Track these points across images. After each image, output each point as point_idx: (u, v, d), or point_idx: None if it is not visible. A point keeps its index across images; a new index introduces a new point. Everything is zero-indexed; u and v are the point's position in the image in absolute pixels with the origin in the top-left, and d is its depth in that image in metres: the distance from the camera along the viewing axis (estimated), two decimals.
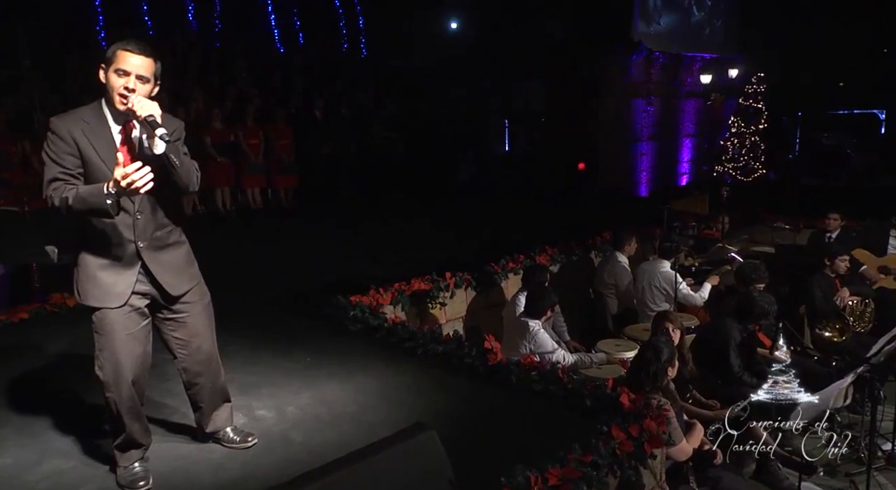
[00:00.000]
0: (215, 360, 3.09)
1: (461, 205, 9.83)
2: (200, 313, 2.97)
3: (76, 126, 2.60)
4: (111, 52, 2.59)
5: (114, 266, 2.71)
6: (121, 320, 2.72)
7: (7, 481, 2.92)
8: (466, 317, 6.08)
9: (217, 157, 9.48)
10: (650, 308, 6.47)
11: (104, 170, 2.59)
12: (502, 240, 7.50)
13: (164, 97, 9.34)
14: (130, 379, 2.75)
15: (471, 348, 4.15)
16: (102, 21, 11.31)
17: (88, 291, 2.72)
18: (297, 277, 6.31)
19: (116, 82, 2.57)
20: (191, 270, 2.94)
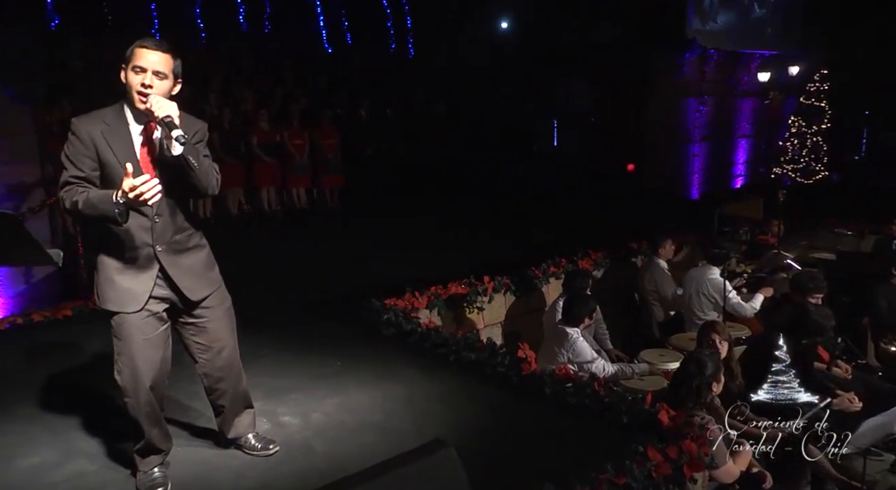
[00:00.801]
0: (237, 365, 3.03)
1: (505, 206, 9.65)
2: (221, 318, 2.92)
3: (96, 127, 2.57)
4: (129, 51, 2.56)
5: (131, 270, 2.67)
6: (138, 325, 2.68)
7: (31, 481, 2.93)
8: (505, 322, 5.93)
9: (263, 158, 9.55)
10: (698, 316, 6.19)
11: (120, 172, 2.54)
12: (545, 243, 7.31)
13: (213, 98, 9.61)
14: (148, 385, 2.71)
15: (504, 357, 4.01)
16: (158, 24, 11.54)
17: (106, 295, 2.69)
18: (336, 279, 6.26)
19: (134, 80, 2.55)
20: (210, 275, 2.89)
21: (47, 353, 4.41)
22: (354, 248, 7.58)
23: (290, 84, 11.04)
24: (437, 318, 5.40)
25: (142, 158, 2.62)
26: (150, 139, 2.64)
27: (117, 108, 2.64)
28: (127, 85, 2.58)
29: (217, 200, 9.52)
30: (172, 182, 2.63)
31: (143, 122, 2.62)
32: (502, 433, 3.35)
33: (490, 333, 5.77)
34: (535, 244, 7.27)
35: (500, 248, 7.32)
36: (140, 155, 2.62)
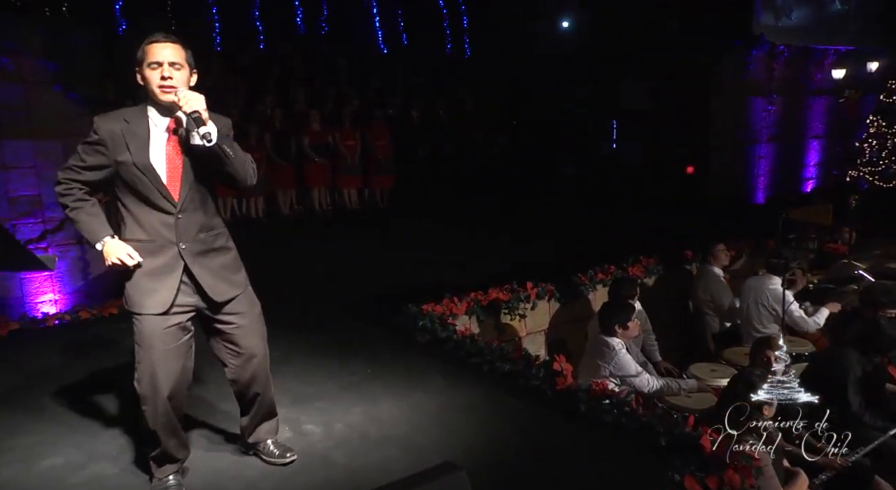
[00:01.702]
0: (266, 371, 2.97)
1: (558, 209, 9.40)
2: (252, 324, 2.86)
3: (116, 125, 2.57)
4: (141, 50, 2.56)
5: (155, 270, 2.63)
6: (160, 335, 2.63)
7: (51, 482, 2.93)
8: (549, 330, 5.72)
9: (314, 158, 9.61)
10: (756, 329, 5.83)
11: (134, 171, 2.56)
12: (594, 248, 7.04)
13: (269, 99, 9.72)
14: (166, 394, 2.66)
15: (539, 369, 3.82)
16: (218, 28, 11.80)
17: (131, 296, 2.65)
18: (378, 281, 6.19)
19: (153, 75, 2.54)
20: (236, 277, 2.82)
21: (88, 351, 4.48)
22: (400, 250, 7.50)
23: (344, 85, 11.07)
24: (476, 324, 5.25)
25: (167, 158, 2.60)
26: (173, 136, 2.61)
27: (140, 108, 2.63)
28: (146, 83, 2.57)
29: (269, 200, 9.66)
30: (198, 177, 2.63)
31: (165, 122, 2.60)
32: (530, 451, 3.17)
33: (532, 342, 5.60)
34: (584, 249, 7.00)
35: (546, 253, 7.10)
36: (164, 155, 2.60)
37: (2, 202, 6.26)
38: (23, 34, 6.22)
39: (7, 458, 3.13)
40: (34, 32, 6.31)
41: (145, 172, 2.55)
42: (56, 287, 6.58)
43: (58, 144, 6.49)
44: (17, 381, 3.98)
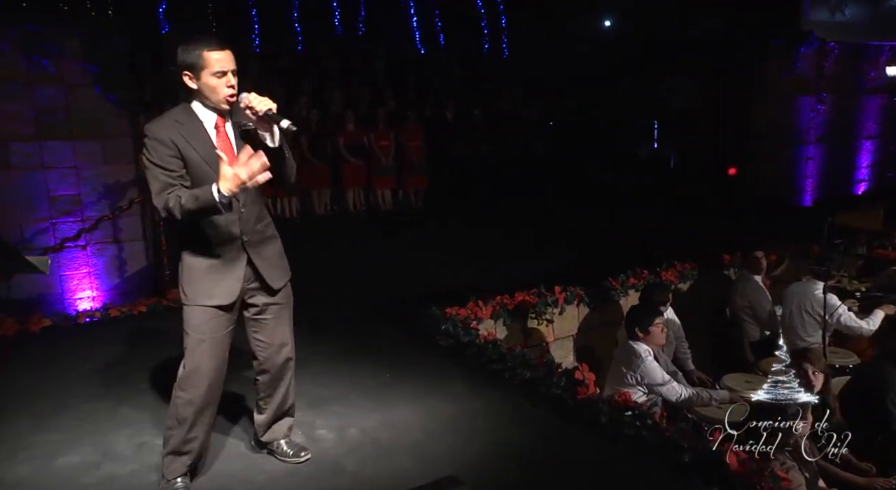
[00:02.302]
0: (292, 364, 3.03)
1: (593, 211, 9.20)
2: (285, 316, 2.94)
3: (172, 128, 2.59)
4: (196, 57, 2.55)
5: (222, 263, 2.71)
6: (213, 325, 2.71)
7: (64, 481, 2.95)
8: (577, 336, 5.59)
9: (349, 158, 9.63)
10: (800, 337, 5.59)
11: (204, 167, 2.60)
12: (628, 251, 6.85)
13: (303, 100, 9.78)
14: (209, 384, 2.74)
15: (560, 378, 3.70)
16: (258, 29, 11.94)
17: (195, 288, 2.70)
18: (406, 283, 6.12)
19: (218, 84, 2.58)
20: (285, 264, 2.95)
21: (115, 349, 4.54)
22: (431, 251, 7.44)
23: (381, 85, 11.07)
24: (503, 329, 5.15)
25: (220, 148, 2.63)
26: (224, 133, 2.67)
27: (183, 108, 2.67)
28: (203, 89, 2.59)
29: (303, 200, 9.72)
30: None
31: (213, 120, 2.66)
32: (545, 462, 3.06)
33: (560, 347, 5.47)
34: (618, 253, 6.82)
35: (579, 256, 6.94)
36: (219, 147, 2.63)
37: (42, 201, 6.42)
38: (64, 38, 6.36)
39: (26, 455, 3.17)
40: (74, 36, 6.45)
41: (213, 166, 2.58)
42: (94, 284, 6.72)
43: (96, 145, 6.63)
44: (44, 377, 4.05)
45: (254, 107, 2.55)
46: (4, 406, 3.65)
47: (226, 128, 2.70)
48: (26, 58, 6.19)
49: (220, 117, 2.68)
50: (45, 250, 6.04)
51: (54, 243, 6.28)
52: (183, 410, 2.74)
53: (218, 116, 2.68)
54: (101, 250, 6.71)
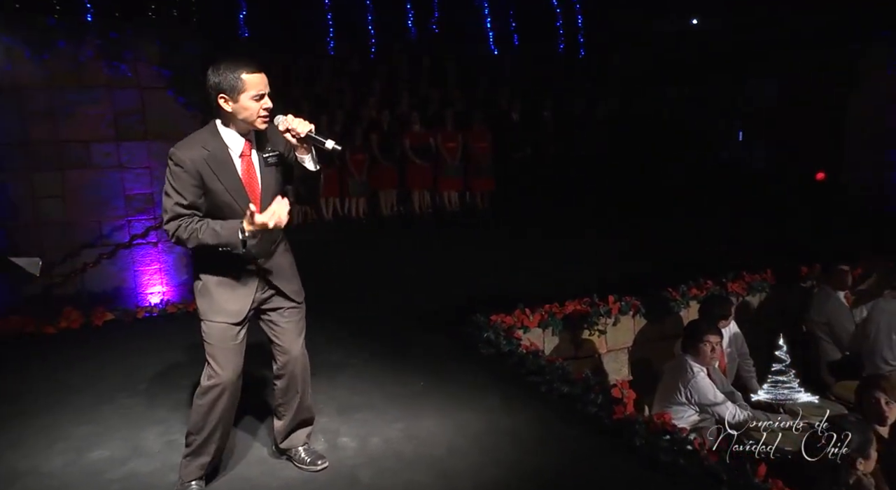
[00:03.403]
0: (304, 374, 2.99)
1: (665, 216, 8.78)
2: (299, 323, 2.95)
3: (198, 155, 2.57)
4: (234, 80, 2.51)
5: (233, 283, 2.73)
6: (229, 335, 2.73)
7: (90, 476, 3.02)
8: (633, 348, 5.31)
9: (414, 160, 9.62)
10: (885, 361, 5.09)
11: (226, 197, 2.60)
12: (694, 260, 6.47)
13: (373, 101, 9.85)
14: (231, 389, 2.76)
15: (597, 395, 3.49)
16: (332, 33, 12.16)
17: (208, 305, 2.73)
18: (461, 287, 6.02)
19: (254, 106, 2.56)
20: (297, 278, 2.96)
21: (165, 345, 4.65)
22: (489, 255, 7.31)
23: (452, 86, 11.01)
24: (552, 338, 4.96)
25: (244, 179, 2.64)
26: (249, 160, 2.66)
27: (212, 130, 2.64)
28: (239, 111, 2.56)
29: (370, 201, 9.79)
30: (273, 195, 2.67)
31: (240, 145, 2.64)
32: (571, 486, 2.88)
33: (614, 360, 5.22)
34: (684, 261, 6.45)
35: (641, 264, 6.61)
36: (242, 175, 2.63)
37: (119, 199, 6.73)
38: (141, 44, 6.63)
39: (63, 446, 3.27)
40: (152, 42, 6.72)
41: (235, 195, 2.59)
42: (164, 280, 6.99)
43: (168, 146, 6.82)
44: (93, 370, 4.20)
45: (294, 128, 2.52)
46: (52, 397, 3.81)
47: (252, 156, 2.66)
48: (107, 64, 6.48)
49: (247, 143, 2.65)
50: (117, 246, 6.31)
51: (127, 240, 6.56)
52: (204, 417, 2.76)
53: (245, 143, 2.65)
54: (171, 247, 6.96)
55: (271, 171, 2.69)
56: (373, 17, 12.32)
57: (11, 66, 6.08)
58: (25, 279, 6.23)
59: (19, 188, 6.12)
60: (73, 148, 6.39)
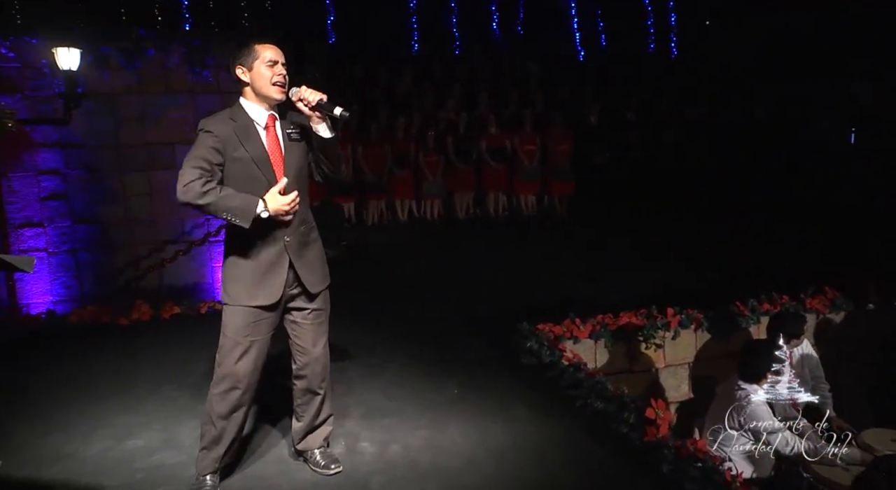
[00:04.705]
0: (325, 374, 3.00)
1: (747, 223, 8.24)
2: (323, 323, 2.95)
3: (227, 125, 2.68)
4: (248, 51, 2.67)
5: (264, 264, 2.74)
6: (256, 326, 2.75)
7: (120, 463, 3.15)
8: (694, 364, 5.00)
9: (490, 162, 9.53)
10: None
11: (251, 167, 2.66)
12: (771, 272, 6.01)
13: (451, 103, 9.85)
14: (245, 385, 2.78)
15: (630, 414, 3.30)
16: (417, 35, 12.28)
17: (239, 288, 2.74)
18: (519, 293, 5.91)
19: (269, 73, 2.66)
20: (325, 269, 2.95)
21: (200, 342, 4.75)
22: (558, 261, 7.13)
23: (533, 87, 10.83)
24: (603, 351, 4.75)
25: (270, 149, 2.71)
26: (273, 132, 2.73)
27: (237, 107, 2.75)
28: (255, 79, 2.67)
29: (446, 203, 9.79)
30: (298, 170, 2.76)
31: (264, 118, 2.72)
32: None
33: (672, 375, 4.94)
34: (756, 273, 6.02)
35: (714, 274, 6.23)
36: (268, 147, 2.70)
37: None
38: (222, 50, 6.95)
39: (104, 434, 3.44)
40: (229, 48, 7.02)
41: (261, 166, 2.66)
42: None
43: None
44: (149, 362, 4.40)
45: (306, 97, 2.61)
46: (107, 386, 4.02)
47: (276, 127, 2.74)
48: (191, 70, 6.83)
49: (271, 116, 2.73)
50: (191, 244, 6.63)
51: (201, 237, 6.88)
52: (216, 410, 2.80)
53: (269, 115, 2.72)
54: None
55: (295, 146, 2.75)
56: (457, 20, 12.35)
57: (108, 74, 6.53)
58: (113, 272, 6.71)
59: (112, 187, 6.57)
60: (159, 150, 6.78)
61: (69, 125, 6.24)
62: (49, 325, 5.27)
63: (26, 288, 6.52)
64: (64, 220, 6.45)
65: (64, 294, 6.65)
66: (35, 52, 6.07)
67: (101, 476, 3.05)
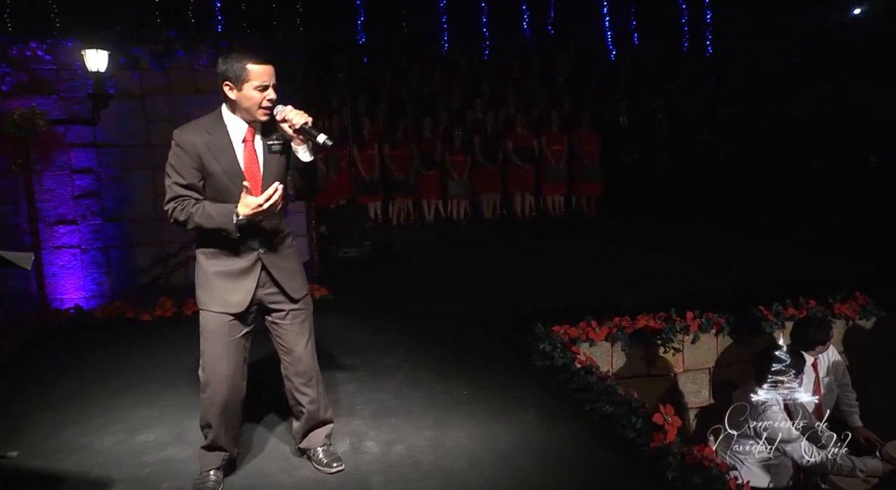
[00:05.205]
0: (315, 375, 2.99)
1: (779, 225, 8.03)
2: (304, 323, 2.92)
3: (200, 138, 2.65)
4: (239, 70, 2.58)
5: (234, 273, 2.74)
6: (227, 327, 2.76)
7: (131, 456, 3.21)
8: (715, 369, 4.88)
9: (516, 162, 9.48)
10: None
11: (224, 180, 2.66)
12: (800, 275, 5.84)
13: (479, 103, 9.83)
14: (227, 386, 2.79)
15: (638, 419, 3.24)
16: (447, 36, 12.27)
17: (206, 296, 2.77)
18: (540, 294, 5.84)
19: (257, 96, 2.60)
20: (304, 277, 2.95)
21: None
22: (583, 262, 7.04)
23: (560, 88, 10.73)
24: (620, 354, 4.68)
25: (245, 166, 2.68)
26: (251, 146, 2.70)
27: (216, 117, 2.71)
28: (242, 100, 2.62)
29: (473, 204, 9.77)
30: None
31: (242, 131, 2.69)
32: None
33: (692, 380, 4.85)
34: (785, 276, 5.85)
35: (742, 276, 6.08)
36: (243, 161, 2.68)
37: None
38: None
39: (118, 427, 3.51)
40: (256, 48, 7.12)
41: (233, 179, 2.65)
42: None
43: None
44: (168, 357, 4.47)
45: (290, 119, 2.56)
46: (126, 380, 4.11)
47: (255, 142, 2.70)
48: None
49: (250, 129, 2.68)
50: None
51: None
52: (207, 411, 2.83)
53: (249, 129, 2.68)
54: None
55: (275, 159, 2.70)
56: (487, 20, 12.31)
57: (139, 75, 6.68)
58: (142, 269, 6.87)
59: (141, 186, 6.71)
60: None
61: (100, 125, 6.40)
62: (75, 320, 5.42)
63: (60, 283, 6.72)
64: (96, 218, 6.62)
65: (95, 290, 6.82)
66: (70, 55, 6.24)
67: (112, 469, 3.11)
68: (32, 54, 6.25)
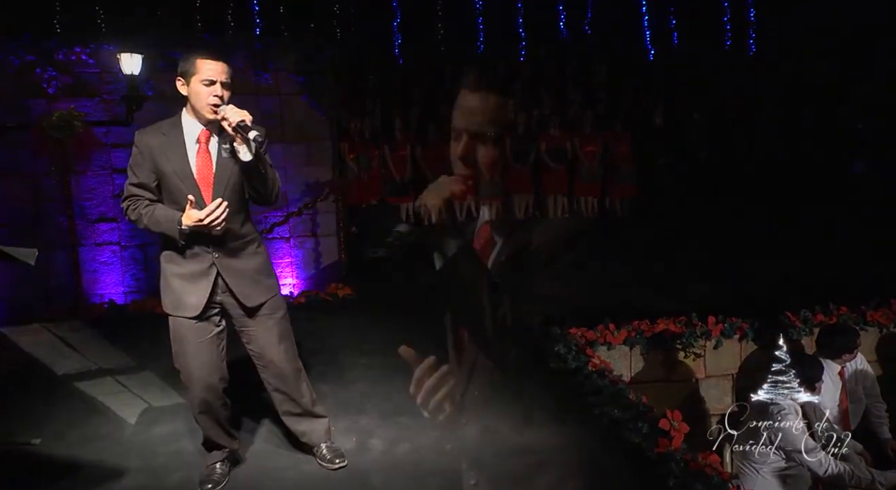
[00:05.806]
0: (292, 376, 2.98)
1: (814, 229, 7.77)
2: (272, 328, 2.90)
3: (155, 139, 2.70)
4: (189, 64, 2.64)
5: (190, 276, 2.76)
6: (193, 331, 2.78)
7: (147, 447, 3.33)
8: (738, 375, 4.78)
9: (549, 163, 9.42)
10: None
11: (175, 181, 2.70)
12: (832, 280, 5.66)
13: (510, 104, 9.81)
14: (201, 386, 2.82)
15: (644, 424, 3.20)
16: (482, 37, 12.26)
17: (166, 299, 2.82)
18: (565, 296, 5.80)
19: (205, 92, 2.63)
20: (268, 282, 2.90)
21: None
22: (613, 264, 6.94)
23: (595, 88, 10.61)
24: (639, 358, 4.62)
25: (197, 168, 2.71)
26: (205, 148, 2.72)
27: (175, 119, 2.76)
28: (191, 96, 2.67)
29: (504, 205, 9.73)
30: (230, 187, 2.72)
31: (197, 132, 2.71)
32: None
33: (713, 387, 4.76)
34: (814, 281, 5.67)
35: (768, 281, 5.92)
36: (195, 165, 2.71)
37: None
38: (282, 54, 7.20)
39: (139, 418, 3.64)
40: (290, 52, 7.27)
41: (183, 180, 2.69)
42: (294, 273, 7.53)
43: (301, 147, 7.41)
44: None
45: (228, 117, 2.56)
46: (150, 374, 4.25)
47: (209, 144, 2.71)
48: (254, 73, 7.11)
49: (205, 130, 2.70)
50: None
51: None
52: (193, 409, 2.89)
53: (203, 129, 2.70)
54: (301, 243, 7.49)
55: (229, 163, 2.69)
56: (523, 20, 12.24)
57: None
58: None
59: None
60: None
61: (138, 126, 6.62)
62: (109, 315, 5.61)
63: (101, 279, 6.97)
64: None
65: (133, 285, 7.06)
66: (112, 58, 6.46)
67: (127, 458, 3.22)
68: (77, 58, 6.50)
